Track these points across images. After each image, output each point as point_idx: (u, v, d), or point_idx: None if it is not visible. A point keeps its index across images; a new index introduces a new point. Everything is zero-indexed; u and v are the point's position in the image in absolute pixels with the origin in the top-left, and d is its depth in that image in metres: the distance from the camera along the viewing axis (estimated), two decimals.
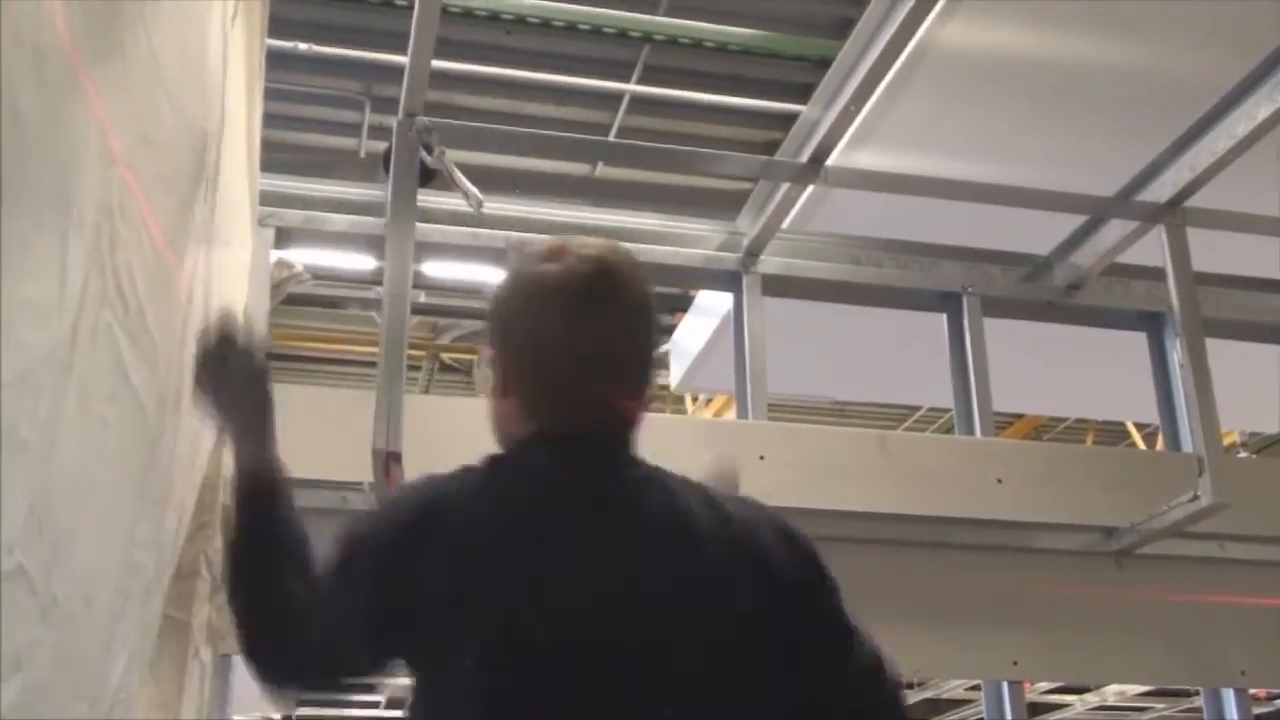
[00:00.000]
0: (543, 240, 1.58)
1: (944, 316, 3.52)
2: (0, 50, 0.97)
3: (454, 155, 2.81)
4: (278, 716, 7.84)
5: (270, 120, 2.76)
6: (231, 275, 2.42)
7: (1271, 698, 8.74)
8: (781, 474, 2.95)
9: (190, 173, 1.82)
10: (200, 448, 2.18)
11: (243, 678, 2.76)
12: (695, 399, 7.81)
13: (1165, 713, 10.35)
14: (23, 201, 1.04)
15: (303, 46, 5.05)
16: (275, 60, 3.38)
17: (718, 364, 3.79)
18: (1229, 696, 3.23)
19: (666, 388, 7.62)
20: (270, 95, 2.72)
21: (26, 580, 1.11)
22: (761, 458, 2.97)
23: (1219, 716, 3.25)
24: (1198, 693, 3.63)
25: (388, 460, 2.44)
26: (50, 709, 1.21)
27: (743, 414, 3.32)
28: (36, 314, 1.10)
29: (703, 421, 5.86)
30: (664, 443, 3.07)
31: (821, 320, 3.65)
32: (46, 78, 1.09)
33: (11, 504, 1.06)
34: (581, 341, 1.51)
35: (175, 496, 1.89)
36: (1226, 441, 5.31)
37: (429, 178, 2.91)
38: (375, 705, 11.34)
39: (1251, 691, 3.30)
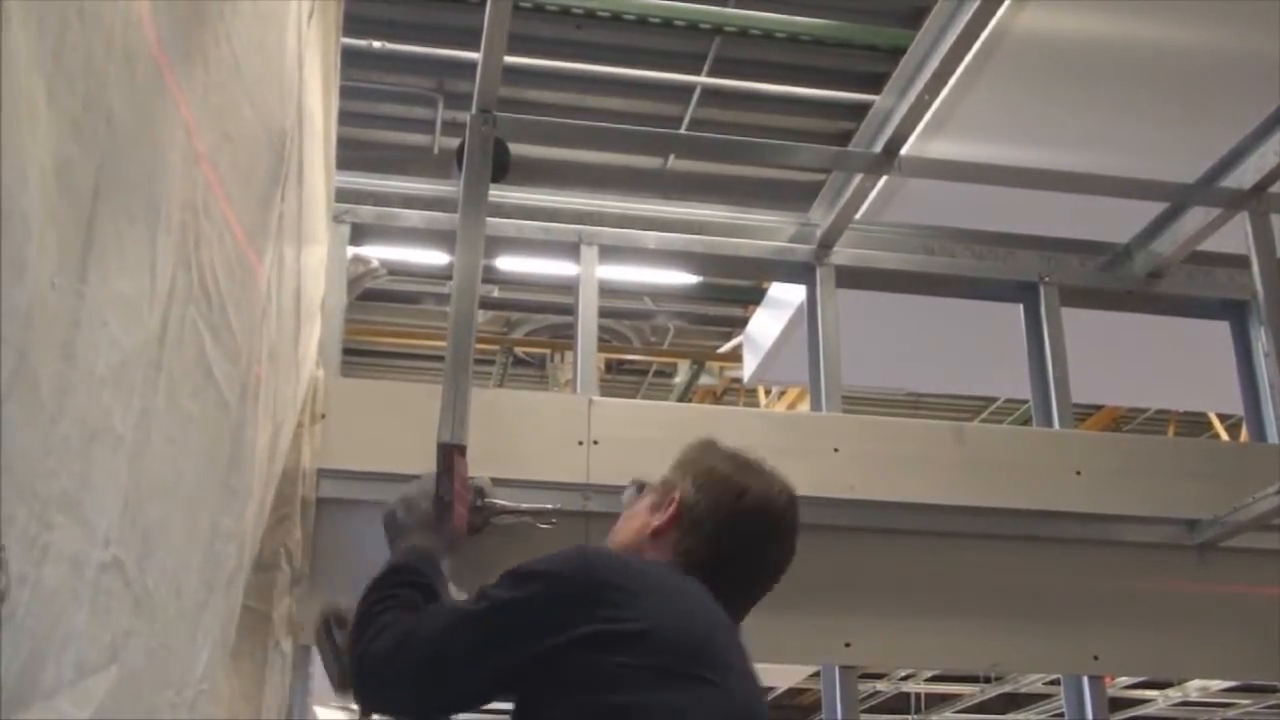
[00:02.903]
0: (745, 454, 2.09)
1: (1020, 307, 3.48)
2: (93, 52, 0.99)
3: (526, 150, 2.82)
4: (356, 707, 7.93)
5: (345, 117, 2.79)
6: (310, 271, 2.46)
7: None
8: (856, 467, 2.93)
9: (269, 171, 1.85)
10: (279, 441, 2.21)
11: (323, 670, 2.80)
12: (768, 391, 7.79)
13: (1250, 709, 10.17)
14: (116, 199, 1.07)
15: (377, 44, 5.11)
16: (350, 58, 3.42)
17: (791, 356, 3.78)
18: None
19: (740, 380, 7.62)
20: (345, 93, 2.75)
21: (121, 572, 1.14)
22: (836, 450, 2.96)
23: None
24: None
25: (452, 453, 2.46)
26: (142, 698, 1.24)
27: (816, 406, 3.30)
28: (129, 310, 1.13)
29: (777, 414, 5.85)
30: (738, 435, 3.07)
31: (896, 311, 3.63)
32: (136, 79, 1.11)
33: (108, 497, 1.09)
34: (762, 565, 2.00)
35: (255, 489, 1.92)
36: None
37: (502, 173, 2.93)
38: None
39: None
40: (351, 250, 3.16)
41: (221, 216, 1.48)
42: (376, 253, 3.20)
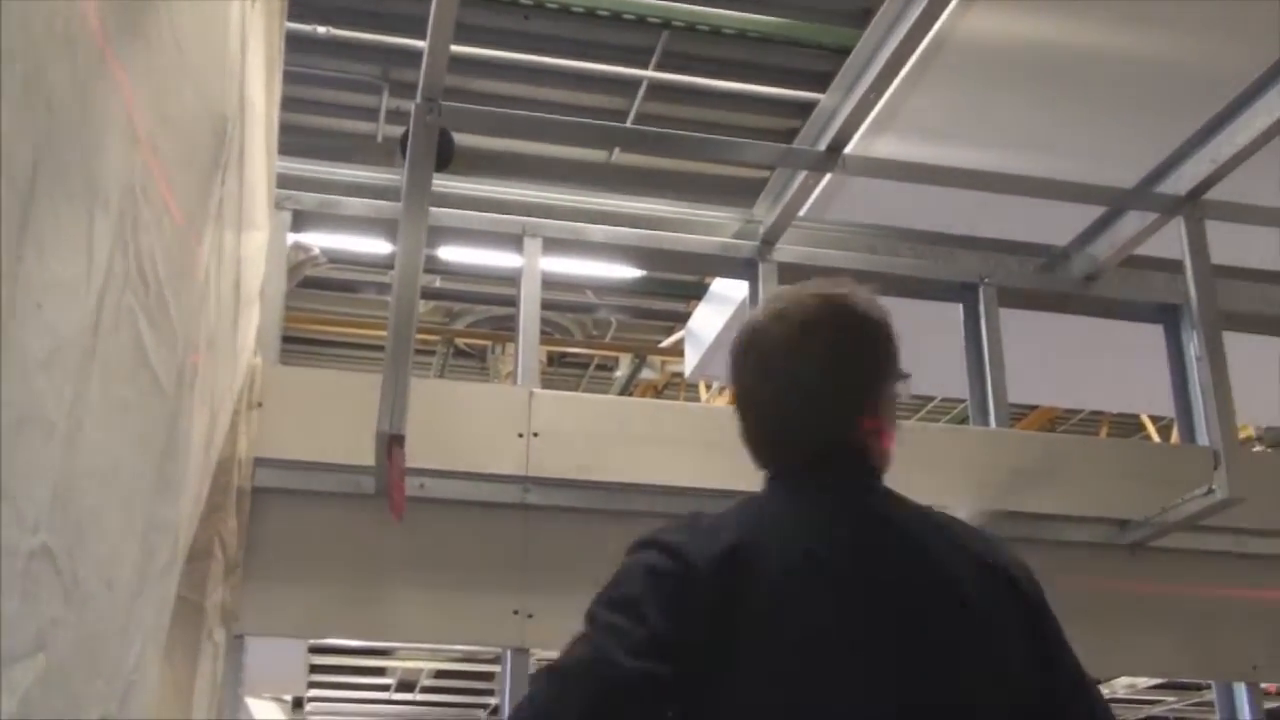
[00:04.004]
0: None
1: (960, 306, 3.52)
2: (34, 33, 0.97)
3: (471, 140, 2.81)
4: (289, 698, 7.87)
5: (289, 103, 2.76)
6: (250, 258, 2.43)
7: None
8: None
9: (210, 155, 1.82)
10: (216, 429, 2.19)
11: (254, 658, 2.78)
12: (709, 386, 7.81)
13: (1176, 706, 10.34)
14: (54, 181, 1.05)
15: (322, 30, 5.05)
16: (294, 43, 3.39)
17: None
18: (1241, 691, 3.22)
19: (681, 375, 7.62)
20: (289, 79, 2.72)
21: (51, 560, 1.12)
22: None
23: (1230, 711, 3.24)
24: (1209, 686, 3.62)
25: (391, 443, 2.45)
26: (70, 688, 1.22)
27: None
28: (65, 294, 1.11)
29: (718, 409, 5.86)
30: (678, 430, 3.08)
31: None
32: (77, 61, 1.09)
33: (38, 484, 1.07)
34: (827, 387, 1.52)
35: (190, 478, 1.90)
36: (1242, 435, 5.30)
37: (446, 162, 2.91)
38: (386, 688, 11.39)
39: (1263, 686, 3.29)
40: (292, 237, 3.13)
41: (161, 200, 1.46)
42: (318, 240, 3.18)
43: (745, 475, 1.64)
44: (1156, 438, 7.89)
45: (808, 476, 1.51)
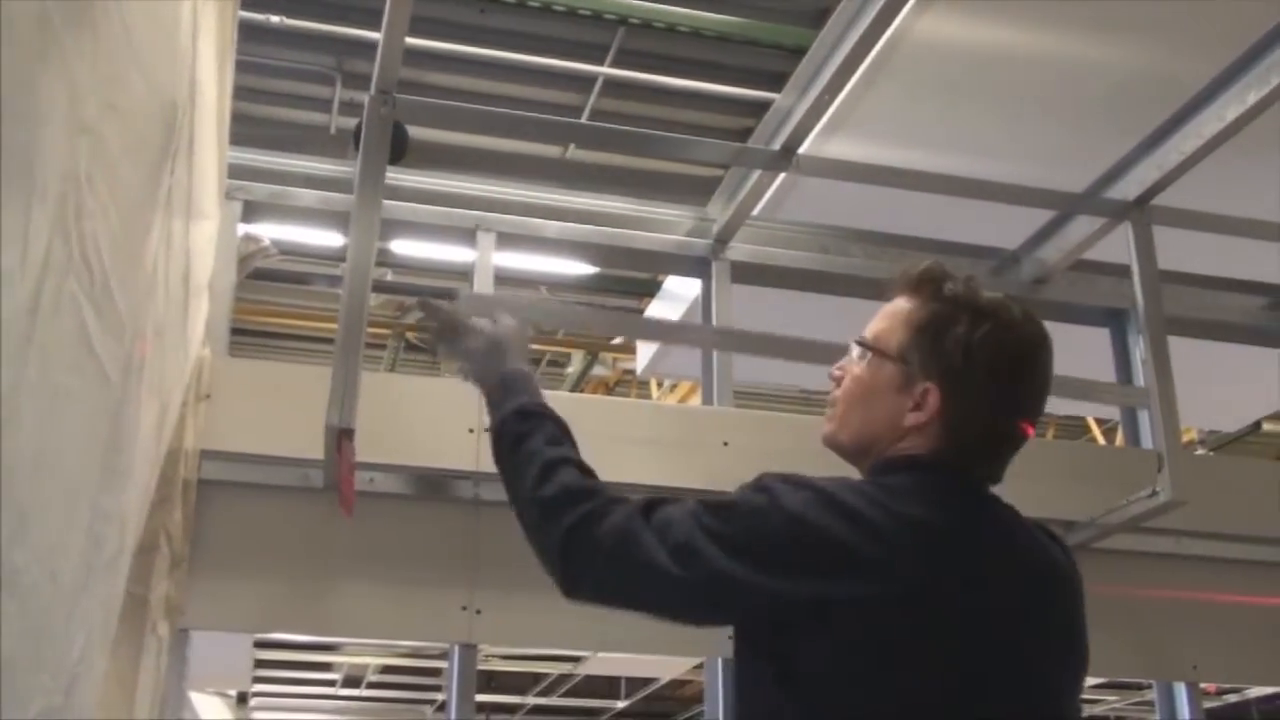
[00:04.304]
0: (994, 295, 1.72)
1: None
2: None
3: (425, 133, 2.79)
4: (233, 693, 7.81)
5: (240, 93, 2.73)
6: (199, 248, 2.41)
7: (1221, 693, 8.86)
8: (746, 461, 2.95)
9: (159, 143, 1.80)
10: (165, 420, 2.16)
11: (199, 653, 2.75)
12: (660, 384, 7.82)
13: (1117, 705, 10.47)
14: None
15: (275, 19, 5.01)
16: (247, 32, 3.36)
17: (684, 350, 3.80)
18: (1181, 690, 3.27)
19: (633, 372, 7.62)
20: (241, 68, 2.69)
21: None
22: (726, 444, 2.98)
23: (1170, 710, 3.29)
24: (1150, 686, 3.66)
25: (340, 437, 2.43)
26: (13, 680, 1.20)
27: (708, 400, 3.32)
28: None
29: (669, 407, 5.87)
30: (629, 427, 3.08)
31: (790, 309, 3.66)
32: (19, 42, 1.08)
33: None
34: (1037, 396, 1.70)
35: (138, 469, 1.88)
36: (1185, 439, 5.36)
37: (399, 155, 2.89)
38: (332, 684, 11.33)
39: (1202, 686, 3.34)
40: (243, 228, 3.11)
41: (106, 188, 1.44)
42: (268, 231, 3.15)
43: (695, 472, 1.65)
44: (1101, 440, 7.98)
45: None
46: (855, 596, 1.46)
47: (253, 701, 10.76)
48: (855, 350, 1.75)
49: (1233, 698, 9.19)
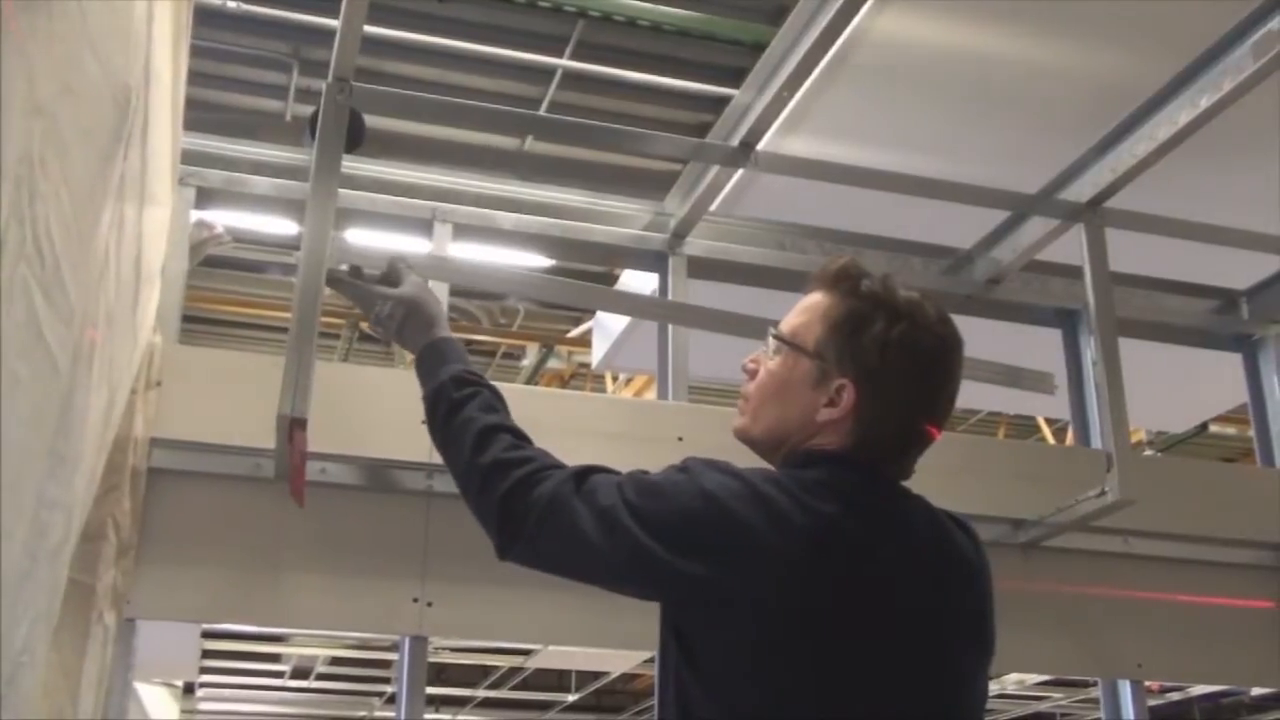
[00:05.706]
0: (914, 293, 1.79)
1: None
2: None
3: (383, 123, 2.77)
4: (180, 683, 7.74)
5: (195, 78, 2.70)
6: (151, 234, 2.38)
7: (1164, 690, 8.98)
8: (700, 456, 2.96)
9: (112, 127, 1.78)
10: (114, 408, 2.14)
11: (145, 643, 2.72)
12: (615, 378, 7.82)
13: (1063, 702, 10.59)
14: None
15: (231, 4, 4.96)
16: (203, 17, 3.33)
17: (640, 344, 3.80)
18: (1125, 688, 3.30)
19: (588, 366, 7.61)
20: (197, 53, 2.66)
21: None
22: (680, 439, 2.98)
23: (1115, 707, 3.32)
24: (1095, 683, 3.71)
25: (292, 426, 2.41)
26: None
27: (663, 394, 3.32)
28: None
29: (623, 401, 5.87)
30: (584, 420, 3.08)
31: (746, 304, 3.66)
32: None
33: None
34: (948, 397, 1.74)
35: (86, 457, 1.85)
36: (1134, 439, 5.43)
37: (356, 144, 2.87)
38: (280, 675, 11.25)
39: (1146, 684, 3.38)
40: (196, 214, 3.07)
41: (59, 171, 1.42)
42: (222, 218, 3.11)
43: (649, 466, 1.66)
44: (1051, 440, 8.06)
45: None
46: (756, 583, 1.48)
47: (200, 692, 10.68)
48: (771, 343, 1.74)
49: (1175, 696, 9.32)
